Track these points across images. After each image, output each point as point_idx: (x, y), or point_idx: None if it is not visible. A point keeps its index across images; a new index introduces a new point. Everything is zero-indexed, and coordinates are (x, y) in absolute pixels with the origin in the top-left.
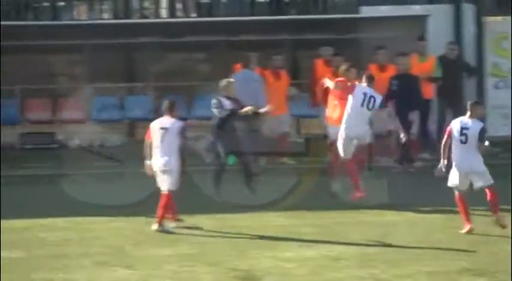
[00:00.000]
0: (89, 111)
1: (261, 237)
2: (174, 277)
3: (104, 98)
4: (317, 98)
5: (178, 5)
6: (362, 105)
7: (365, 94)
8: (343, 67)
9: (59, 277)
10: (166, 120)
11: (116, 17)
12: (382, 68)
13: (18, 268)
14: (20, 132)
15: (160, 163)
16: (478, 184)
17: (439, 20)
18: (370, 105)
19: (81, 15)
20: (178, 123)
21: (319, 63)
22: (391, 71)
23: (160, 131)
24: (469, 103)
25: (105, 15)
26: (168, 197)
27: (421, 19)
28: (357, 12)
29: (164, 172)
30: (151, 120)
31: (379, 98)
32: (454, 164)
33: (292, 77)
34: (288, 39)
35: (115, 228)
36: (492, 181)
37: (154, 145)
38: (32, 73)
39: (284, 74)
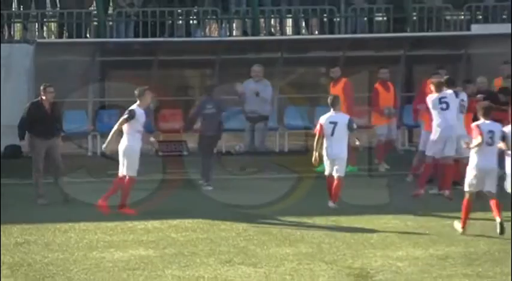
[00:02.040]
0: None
1: (374, 237)
2: (293, 274)
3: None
4: (416, 115)
5: (302, 23)
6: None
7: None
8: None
9: (186, 274)
10: (336, 115)
11: (244, 34)
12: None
13: (151, 264)
14: (154, 141)
15: (333, 152)
16: None
17: None
18: None
19: (212, 32)
20: (346, 117)
21: (428, 84)
22: None
23: (331, 125)
24: None
25: (235, 33)
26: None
27: None
28: (468, 29)
29: (335, 160)
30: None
31: None
32: None
33: (406, 89)
34: (403, 54)
35: (241, 229)
36: None
37: (326, 137)
38: (165, 86)
39: (392, 86)
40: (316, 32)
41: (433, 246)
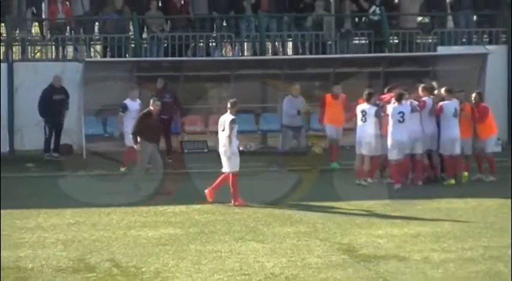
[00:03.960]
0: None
1: (359, 219)
2: (294, 249)
3: (242, 115)
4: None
5: (300, 45)
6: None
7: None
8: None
9: (207, 248)
10: (366, 106)
11: (253, 54)
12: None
13: (178, 241)
14: (180, 140)
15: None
16: None
17: (496, 56)
18: None
19: (227, 53)
20: (374, 108)
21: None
22: None
23: (362, 113)
24: None
25: (246, 53)
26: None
27: (483, 56)
28: (435, 50)
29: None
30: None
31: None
32: None
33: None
34: (382, 71)
35: (251, 212)
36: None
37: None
38: (189, 96)
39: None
40: (312, 52)
41: (407, 226)
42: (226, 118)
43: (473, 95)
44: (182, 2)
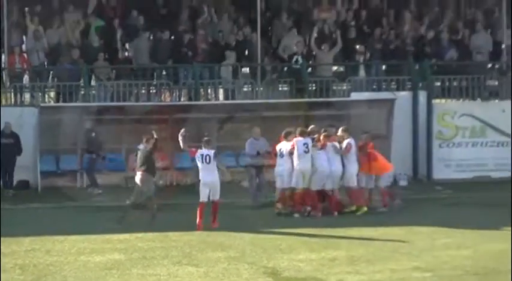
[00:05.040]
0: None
1: (282, 244)
2: (224, 272)
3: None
4: None
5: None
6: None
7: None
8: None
9: (147, 272)
10: (284, 144)
11: (189, 100)
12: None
13: (122, 265)
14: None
15: None
16: None
17: (402, 101)
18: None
19: (166, 98)
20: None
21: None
22: None
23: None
24: None
25: (183, 99)
26: None
27: (391, 101)
28: (349, 96)
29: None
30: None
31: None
32: None
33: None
34: (303, 114)
35: (186, 239)
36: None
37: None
38: (134, 135)
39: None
40: (241, 98)
41: (324, 251)
42: (207, 152)
43: (364, 136)
44: (126, 54)
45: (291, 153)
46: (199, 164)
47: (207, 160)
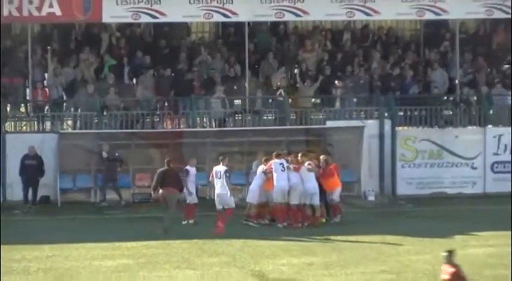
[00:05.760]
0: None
1: (267, 251)
2: (218, 275)
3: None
4: None
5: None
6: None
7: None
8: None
9: (152, 274)
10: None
11: (187, 127)
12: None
13: (130, 268)
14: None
15: None
16: None
17: (371, 128)
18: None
19: (167, 126)
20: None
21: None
22: None
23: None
24: None
25: (182, 126)
26: None
27: (361, 128)
28: (325, 124)
29: None
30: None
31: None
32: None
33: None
34: (286, 139)
35: (184, 246)
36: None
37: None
38: (139, 158)
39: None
40: (232, 125)
41: (303, 256)
42: (219, 169)
43: (322, 159)
44: (133, 88)
45: (264, 172)
46: (214, 179)
47: (218, 176)
